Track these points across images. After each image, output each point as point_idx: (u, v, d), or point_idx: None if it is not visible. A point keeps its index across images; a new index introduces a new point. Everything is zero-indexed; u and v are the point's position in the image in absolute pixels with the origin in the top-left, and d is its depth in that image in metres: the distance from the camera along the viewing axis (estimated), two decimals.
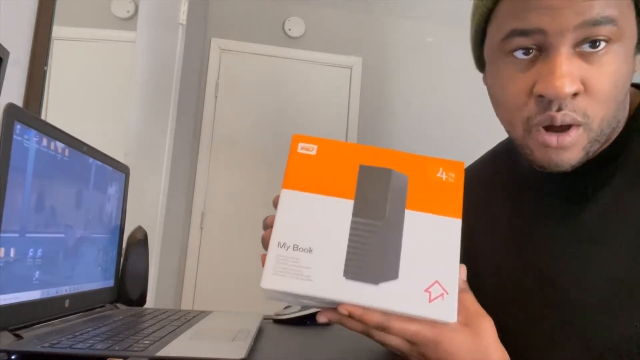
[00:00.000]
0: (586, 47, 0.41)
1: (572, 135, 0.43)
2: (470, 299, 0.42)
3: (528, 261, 0.50)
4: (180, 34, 1.84)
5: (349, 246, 0.39)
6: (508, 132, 0.49)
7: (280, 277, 0.39)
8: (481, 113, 2.77)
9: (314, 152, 0.42)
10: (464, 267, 0.43)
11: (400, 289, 0.38)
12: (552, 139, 0.43)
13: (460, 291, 0.41)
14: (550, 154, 0.44)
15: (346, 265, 0.39)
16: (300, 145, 0.43)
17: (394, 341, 0.41)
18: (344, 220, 0.40)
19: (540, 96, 0.42)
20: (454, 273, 0.39)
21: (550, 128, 0.43)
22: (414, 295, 0.38)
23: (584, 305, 0.43)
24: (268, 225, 0.43)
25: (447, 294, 0.38)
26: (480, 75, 0.56)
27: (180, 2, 1.87)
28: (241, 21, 2.73)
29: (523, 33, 0.42)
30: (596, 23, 0.40)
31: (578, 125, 0.42)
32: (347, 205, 0.40)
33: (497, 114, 0.50)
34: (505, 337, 0.42)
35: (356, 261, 0.39)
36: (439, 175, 0.41)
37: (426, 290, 0.38)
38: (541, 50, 0.43)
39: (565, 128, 0.43)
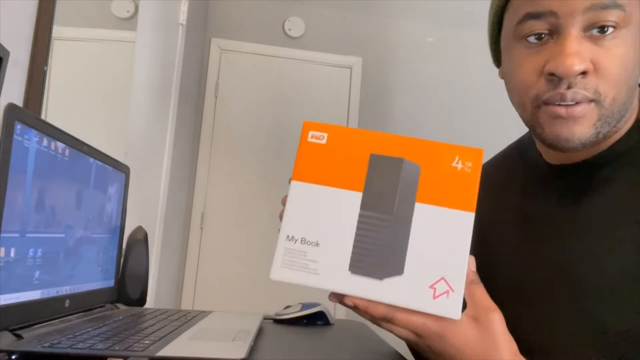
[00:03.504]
0: (595, 32, 0.43)
1: (582, 107, 0.44)
2: (480, 292, 0.41)
3: (539, 252, 0.51)
4: (180, 34, 1.84)
5: (355, 240, 0.39)
6: (520, 115, 0.51)
7: (288, 269, 0.39)
8: (482, 113, 2.77)
9: (324, 141, 0.41)
10: (472, 259, 0.42)
11: (404, 285, 0.38)
12: (561, 110, 0.44)
13: (470, 283, 0.41)
14: (560, 126, 0.45)
15: (352, 260, 0.39)
16: (311, 133, 0.42)
17: (401, 332, 0.41)
18: (352, 214, 0.39)
19: (551, 74, 0.44)
20: (462, 269, 0.38)
21: (559, 105, 0.44)
22: (418, 291, 0.38)
23: (596, 293, 0.44)
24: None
25: (453, 291, 0.37)
26: (481, 75, 0.57)
27: (180, 2, 1.87)
28: (241, 21, 2.73)
29: (536, 16, 0.45)
30: (605, 7, 0.42)
31: (589, 101, 0.43)
32: (355, 198, 0.40)
33: (510, 100, 0.51)
34: (517, 325, 0.42)
35: (362, 256, 0.39)
36: (454, 164, 0.39)
37: (431, 287, 0.38)
38: (552, 35, 0.45)
39: (574, 105, 0.44)
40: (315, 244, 0.39)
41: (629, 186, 0.45)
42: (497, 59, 0.56)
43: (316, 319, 0.79)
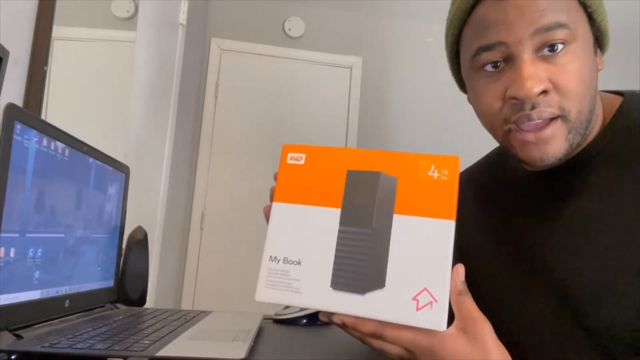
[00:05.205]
0: (546, 51, 0.45)
1: (551, 128, 0.45)
2: (469, 303, 0.41)
3: (522, 257, 0.52)
4: (180, 34, 1.84)
5: (336, 256, 0.39)
6: (493, 137, 0.53)
7: (271, 290, 0.40)
8: None
9: (302, 162, 0.43)
10: (462, 267, 0.42)
11: (387, 298, 0.37)
12: (530, 135, 0.46)
13: (459, 294, 0.40)
14: (532, 150, 0.47)
15: (333, 276, 0.39)
16: (290, 155, 0.43)
17: (392, 349, 0.41)
18: (332, 230, 0.40)
19: (513, 98, 0.46)
20: (445, 279, 0.37)
21: (528, 126, 0.46)
22: (401, 304, 0.37)
23: (580, 293, 0.45)
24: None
25: (436, 301, 0.37)
26: None
27: (180, 2, 1.87)
28: (241, 21, 2.73)
29: (487, 48, 0.47)
30: (549, 29, 0.44)
31: (556, 117, 0.45)
32: (334, 214, 0.40)
33: (482, 125, 0.54)
34: (504, 332, 0.43)
35: (343, 272, 0.39)
36: (430, 173, 0.40)
37: (414, 299, 0.37)
38: (507, 62, 0.47)
39: (543, 123, 0.45)
40: (297, 262, 0.40)
41: (609, 183, 0.47)
42: (462, 86, 0.59)
43: (316, 319, 0.79)
